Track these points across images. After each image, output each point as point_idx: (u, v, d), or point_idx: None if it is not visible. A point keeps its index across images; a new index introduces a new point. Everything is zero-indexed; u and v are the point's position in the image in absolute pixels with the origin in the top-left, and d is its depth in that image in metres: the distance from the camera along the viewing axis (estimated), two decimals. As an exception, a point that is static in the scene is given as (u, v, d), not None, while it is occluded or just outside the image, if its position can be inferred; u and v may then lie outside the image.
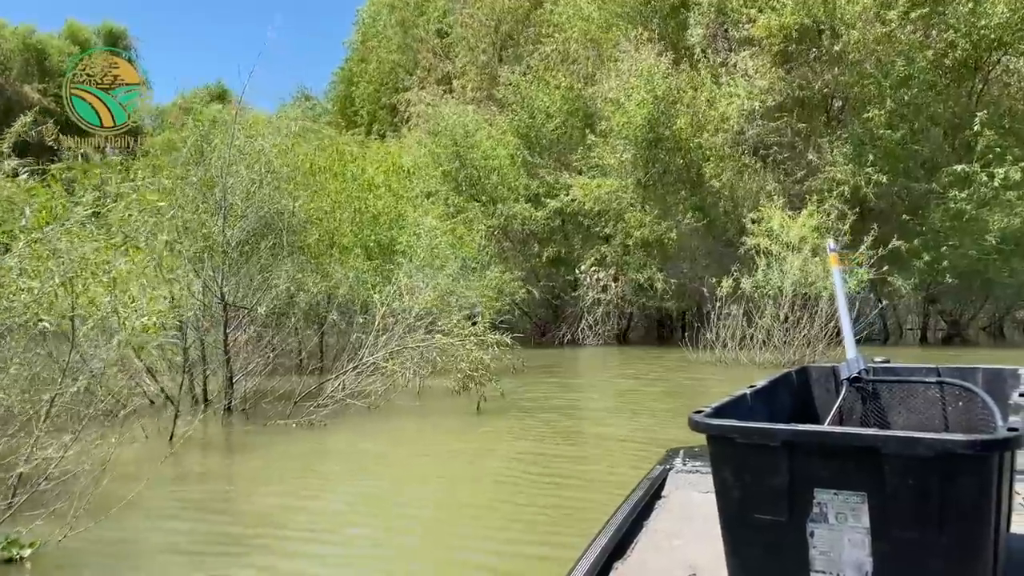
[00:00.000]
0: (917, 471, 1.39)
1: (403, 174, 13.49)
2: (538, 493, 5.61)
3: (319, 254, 10.65)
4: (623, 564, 2.00)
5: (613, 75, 18.60)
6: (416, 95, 21.27)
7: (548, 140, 19.93)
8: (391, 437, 7.88)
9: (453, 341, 8.61)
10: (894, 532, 1.44)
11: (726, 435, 1.59)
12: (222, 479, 6.36)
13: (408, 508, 5.33)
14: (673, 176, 18.56)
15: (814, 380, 2.43)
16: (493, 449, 7.38)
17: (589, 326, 18.75)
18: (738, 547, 1.64)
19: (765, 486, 1.55)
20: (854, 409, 2.30)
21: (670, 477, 2.66)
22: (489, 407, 8.81)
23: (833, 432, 1.65)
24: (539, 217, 18.89)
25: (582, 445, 7.52)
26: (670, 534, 2.20)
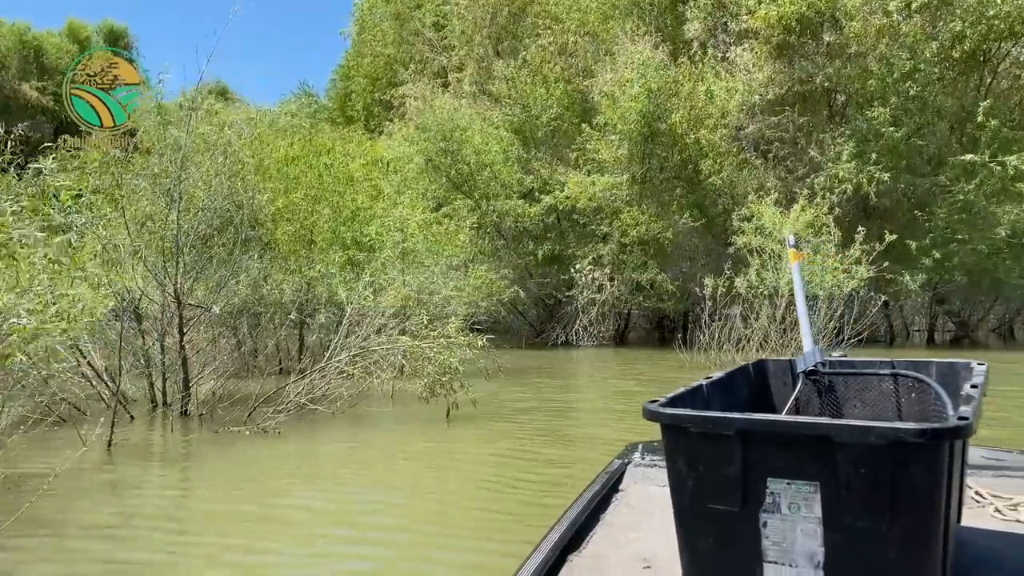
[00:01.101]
0: (869, 460, 1.40)
1: (384, 168, 12.96)
2: (489, 509, 5.16)
3: (293, 250, 10.17)
4: (577, 556, 1.99)
5: (608, 68, 18.07)
6: (411, 89, 20.78)
7: (543, 134, 19.39)
8: (345, 446, 7.41)
9: (419, 343, 8.09)
10: (846, 522, 1.44)
11: (680, 424, 1.58)
12: (137, 493, 5.82)
13: (330, 529, 4.84)
14: (670, 172, 18.01)
15: (771, 373, 2.44)
16: (454, 458, 6.94)
17: (584, 327, 18.22)
18: (691, 538, 1.64)
19: (718, 476, 1.55)
20: (810, 402, 2.30)
21: (628, 471, 2.66)
22: (461, 414, 8.31)
23: (786, 421, 1.64)
24: (533, 214, 18.37)
25: (553, 449, 7.05)
26: (626, 527, 2.19)
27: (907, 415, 2.18)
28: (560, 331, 18.77)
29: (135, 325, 8.61)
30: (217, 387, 8.86)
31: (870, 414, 2.23)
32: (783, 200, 15.52)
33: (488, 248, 19.20)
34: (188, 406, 8.34)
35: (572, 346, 18.31)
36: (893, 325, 20.09)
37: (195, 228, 8.24)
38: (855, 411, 2.27)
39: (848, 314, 13.24)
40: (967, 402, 1.60)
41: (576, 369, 15.24)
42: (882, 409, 2.25)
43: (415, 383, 8.31)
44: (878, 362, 2.30)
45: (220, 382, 8.90)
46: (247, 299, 9.18)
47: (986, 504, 2.26)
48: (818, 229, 14.12)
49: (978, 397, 1.67)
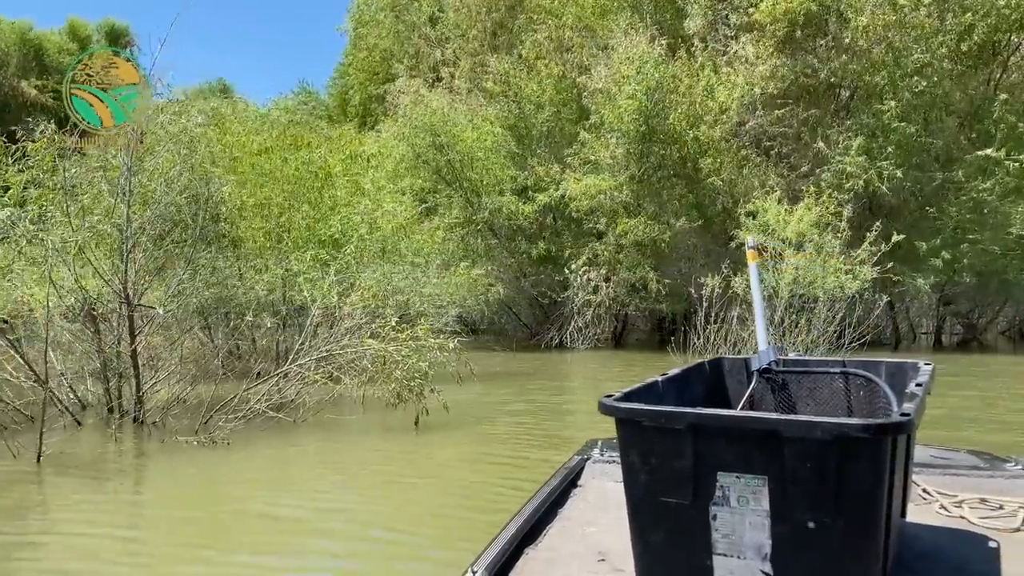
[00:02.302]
0: (815, 455, 1.42)
1: (365, 163, 12.46)
2: (447, 516, 4.77)
3: (263, 248, 9.69)
4: (533, 549, 2.03)
5: (603, 65, 17.51)
6: (405, 84, 20.28)
7: (539, 132, 18.84)
8: (294, 458, 6.89)
9: (385, 347, 7.58)
10: (793, 515, 1.47)
11: (634, 418, 1.61)
12: (40, 512, 5.33)
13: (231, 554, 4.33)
14: (668, 171, 17.43)
15: (727, 371, 2.48)
16: (417, 466, 6.49)
17: (579, 329, 17.67)
18: (643, 530, 1.66)
19: (670, 469, 1.58)
20: (764, 399, 2.35)
21: (587, 467, 2.70)
22: (432, 420, 7.81)
23: (736, 416, 1.67)
24: (527, 212, 17.83)
25: (526, 454, 6.61)
26: (583, 521, 2.22)
27: (857, 412, 2.21)
28: (554, 333, 18.23)
29: (91, 326, 8.16)
30: (179, 392, 8.37)
31: (822, 411, 2.26)
32: (785, 198, 14.96)
33: (481, 247, 18.70)
34: (141, 413, 7.86)
35: (567, 348, 17.78)
36: (899, 327, 19.47)
37: (149, 223, 7.76)
38: (808, 408, 2.31)
39: (850, 316, 12.68)
40: (910, 399, 1.62)
41: (567, 371, 14.71)
42: (833, 406, 2.28)
43: (384, 388, 7.80)
44: (829, 361, 2.37)
45: (181, 387, 8.41)
46: (209, 300, 8.68)
47: (932, 501, 2.34)
48: (824, 228, 13.57)
49: (921, 395, 1.68)
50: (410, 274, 10.65)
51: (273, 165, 11.82)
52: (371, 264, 9.96)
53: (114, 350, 7.84)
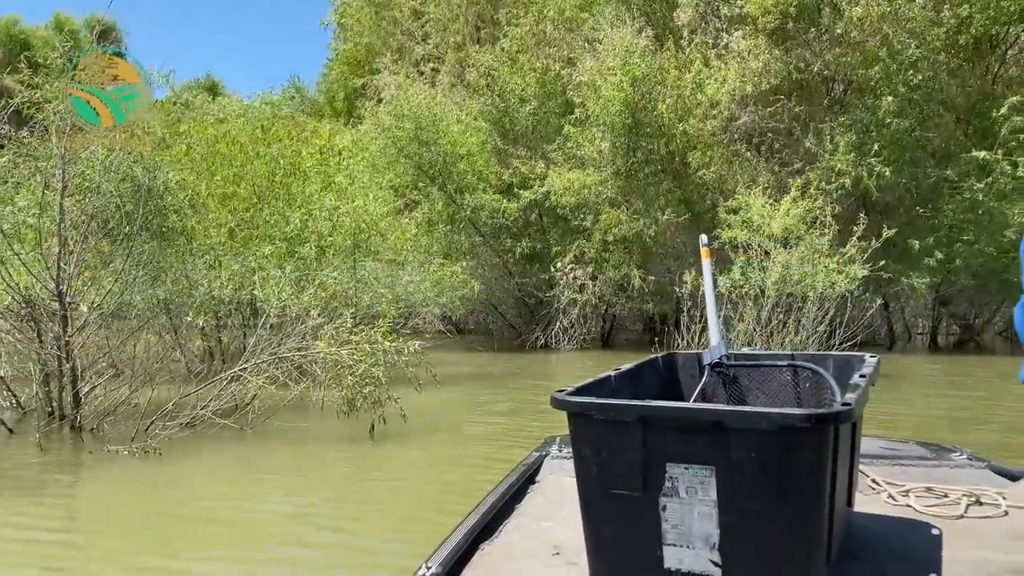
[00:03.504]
0: (759, 445, 1.44)
1: (338, 157, 11.95)
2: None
3: (218, 244, 9.19)
4: (489, 544, 2.05)
5: (589, 57, 17.00)
6: (386, 78, 19.76)
7: (523, 127, 18.32)
8: (239, 466, 6.43)
9: (337, 350, 7.07)
10: (739, 504, 1.49)
11: (585, 412, 1.62)
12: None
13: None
14: (656, 166, 16.93)
15: (680, 366, 2.52)
16: (366, 476, 6.17)
17: (564, 328, 17.16)
18: (595, 522, 1.67)
19: (621, 461, 1.59)
20: (716, 393, 2.40)
21: (546, 463, 2.74)
22: (389, 429, 7.32)
23: (683, 408, 1.71)
24: (512, 209, 17.32)
25: (490, 460, 6.23)
26: (539, 517, 2.26)
27: (806, 403, 2.25)
28: (540, 333, 17.73)
29: (30, 326, 7.65)
30: (124, 396, 7.86)
31: (771, 403, 2.30)
32: (776, 195, 14.49)
33: (465, 245, 18.20)
34: (79, 419, 7.36)
35: (552, 349, 17.29)
36: (894, 328, 18.99)
37: (88, 216, 7.24)
38: (758, 400, 2.35)
39: (841, 316, 12.20)
40: (853, 390, 1.67)
41: (550, 372, 14.23)
42: (782, 398, 2.32)
43: (336, 395, 7.30)
44: (778, 355, 2.42)
45: (126, 391, 7.90)
46: (161, 298, 8.18)
47: (881, 491, 2.41)
48: (810, 224, 13.09)
49: (864, 386, 1.72)
50: (379, 272, 10.16)
51: (245, 158, 11.36)
52: (338, 262, 9.46)
53: (51, 351, 7.33)
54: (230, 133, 11.14)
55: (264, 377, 7.25)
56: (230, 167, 11.04)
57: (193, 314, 7.75)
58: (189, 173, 10.22)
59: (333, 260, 9.64)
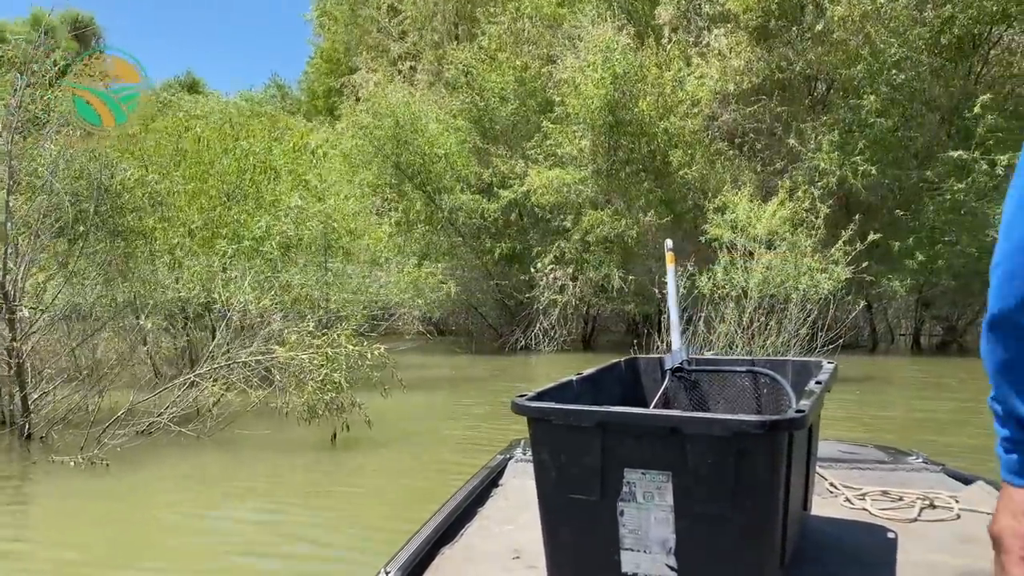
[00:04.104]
0: (715, 450, 1.46)
1: (310, 156, 11.63)
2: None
3: (178, 244, 8.87)
4: (450, 548, 2.03)
5: (570, 54, 16.76)
6: (364, 76, 19.42)
7: (502, 126, 18.04)
8: (188, 479, 6.14)
9: (296, 354, 6.77)
10: (695, 509, 1.52)
11: (544, 417, 1.64)
12: None
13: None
14: (637, 165, 16.71)
15: (642, 370, 2.53)
16: (321, 487, 5.91)
17: (544, 330, 16.90)
18: (553, 527, 1.68)
19: (579, 466, 1.60)
20: (678, 398, 2.42)
21: (509, 466, 2.77)
22: (353, 436, 7.04)
23: (640, 413, 1.69)
24: (491, 209, 17.03)
25: (457, 465, 5.94)
26: (501, 520, 2.26)
27: (765, 409, 2.26)
28: (520, 335, 17.46)
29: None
30: (79, 402, 7.52)
31: (731, 408, 2.34)
32: (758, 195, 14.31)
33: (444, 245, 17.91)
34: (28, 427, 7.02)
35: (532, 351, 17.02)
36: (877, 330, 18.88)
37: (38, 213, 6.91)
38: (718, 406, 2.38)
39: (824, 318, 12.03)
40: (808, 396, 1.68)
41: (529, 375, 13.99)
42: (742, 404, 2.34)
43: (297, 401, 7.00)
44: (738, 360, 2.47)
45: (82, 396, 7.57)
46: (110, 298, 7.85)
47: (838, 494, 2.44)
48: (796, 226, 12.93)
49: (818, 392, 1.74)
50: (350, 273, 9.87)
51: (212, 154, 11.04)
52: (305, 263, 9.17)
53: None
54: (195, 129, 10.79)
55: (222, 383, 6.93)
56: (198, 164, 10.72)
57: (146, 317, 7.41)
58: (155, 171, 9.91)
59: (299, 261, 9.32)
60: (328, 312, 8.97)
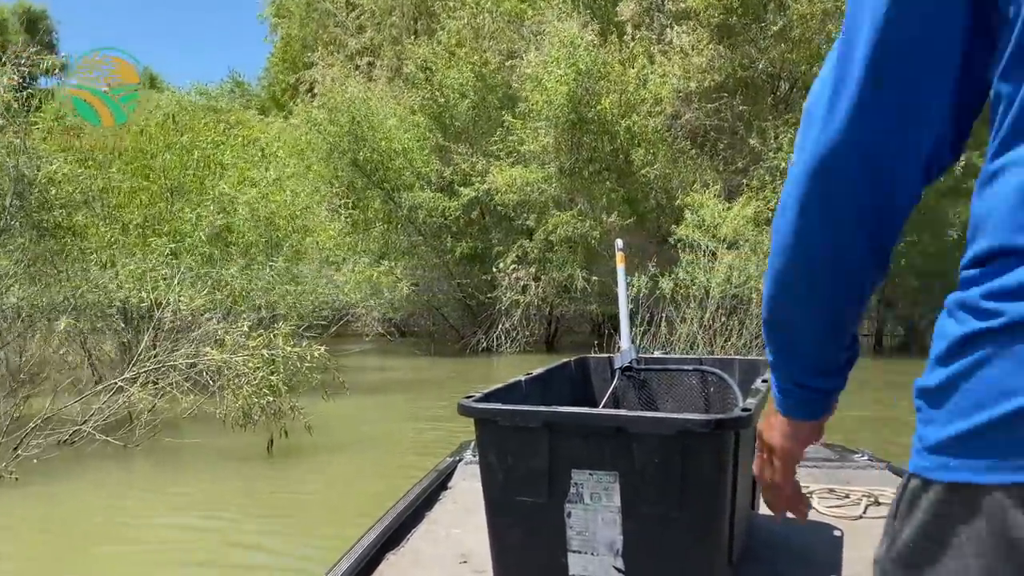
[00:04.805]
0: (661, 450, 1.46)
1: (259, 152, 11.20)
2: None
3: (111, 242, 8.41)
4: (395, 555, 2.01)
5: (533, 49, 16.49)
6: (320, 72, 18.95)
7: (462, 123, 17.70)
8: (114, 491, 5.76)
9: (230, 356, 6.37)
10: (642, 509, 1.51)
11: (490, 418, 1.62)
12: None
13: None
14: (599, 164, 16.48)
15: (592, 370, 2.51)
16: (272, 488, 5.80)
17: (506, 331, 16.59)
18: (500, 530, 1.66)
19: (526, 468, 1.58)
20: (627, 397, 2.41)
21: (459, 468, 2.76)
22: (291, 444, 6.67)
23: (587, 413, 1.68)
24: (452, 208, 16.67)
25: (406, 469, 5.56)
26: (449, 524, 2.24)
27: (713, 408, 2.27)
28: (482, 336, 17.13)
29: None
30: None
31: (680, 408, 2.33)
32: (720, 194, 14.20)
33: (404, 244, 17.51)
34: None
35: (494, 352, 16.71)
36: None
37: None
38: (667, 405, 2.39)
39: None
40: (754, 395, 1.69)
41: (489, 376, 13.67)
42: (690, 403, 2.35)
43: (232, 406, 6.60)
44: (687, 359, 2.47)
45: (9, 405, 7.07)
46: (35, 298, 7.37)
47: None
48: (760, 225, 12.82)
49: (766, 391, 1.69)
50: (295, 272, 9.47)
51: (154, 148, 10.57)
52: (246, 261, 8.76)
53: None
54: (136, 122, 10.33)
55: (151, 388, 6.51)
56: (138, 159, 10.24)
57: (66, 319, 6.95)
58: (93, 166, 9.43)
59: (239, 259, 8.89)
60: (271, 312, 8.56)
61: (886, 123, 0.73)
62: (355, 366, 13.74)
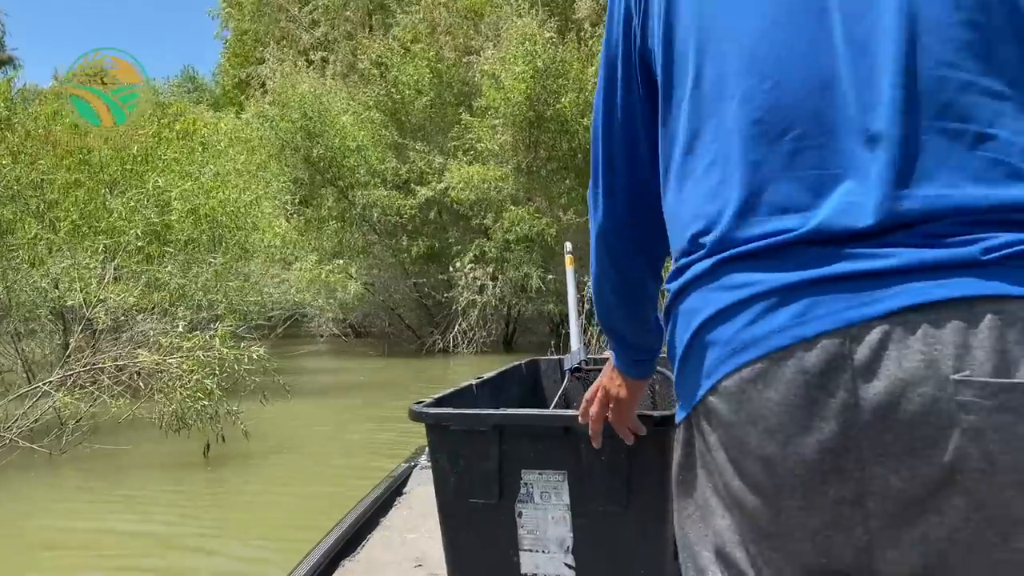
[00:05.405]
0: (608, 448, 1.48)
1: (200, 146, 10.78)
2: None
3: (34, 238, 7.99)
4: (351, 561, 2.06)
5: (491, 45, 16.31)
6: (271, 67, 18.50)
7: (418, 119, 17.43)
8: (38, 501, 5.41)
9: (163, 359, 6.05)
10: (590, 507, 1.55)
11: (441, 423, 1.65)
12: None
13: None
14: (558, 163, 16.37)
15: (543, 372, 2.54)
16: (212, 494, 5.59)
17: (463, 331, 16.37)
18: (453, 533, 1.69)
19: (477, 470, 1.62)
20: (577, 397, 2.28)
21: (414, 474, 2.81)
22: (228, 449, 6.37)
23: (535, 414, 1.75)
24: (409, 206, 16.39)
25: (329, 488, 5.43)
26: (404, 529, 2.28)
27: (660, 405, 2.28)
28: (439, 336, 16.88)
29: None
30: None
31: None
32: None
33: (359, 243, 17.17)
34: None
35: (452, 353, 16.47)
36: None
37: None
38: None
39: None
40: None
41: (447, 377, 13.44)
42: (639, 401, 2.09)
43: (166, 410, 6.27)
44: None
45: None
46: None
47: None
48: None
49: None
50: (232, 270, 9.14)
51: (90, 143, 10.11)
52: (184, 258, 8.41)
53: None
54: (60, 115, 9.88)
55: (79, 392, 6.16)
56: (74, 154, 9.79)
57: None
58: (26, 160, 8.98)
59: (177, 256, 8.53)
60: (212, 312, 8.22)
61: (626, 204, 1.06)
62: (308, 368, 13.40)
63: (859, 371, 0.71)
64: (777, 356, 0.74)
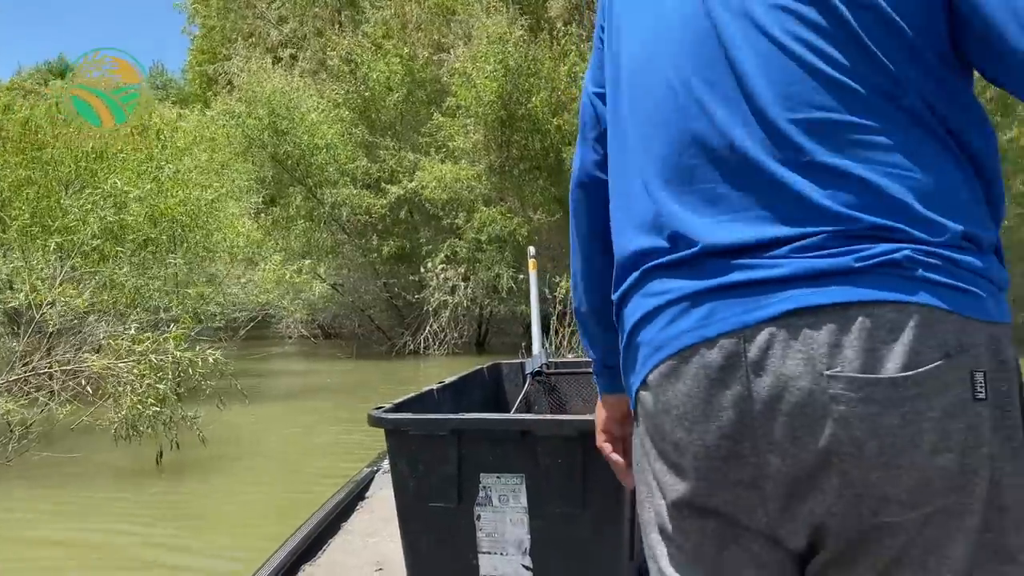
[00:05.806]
0: (563, 451, 1.54)
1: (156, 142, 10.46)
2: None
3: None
4: (311, 565, 2.08)
5: (461, 43, 16.13)
6: (238, 64, 18.15)
7: (389, 117, 17.19)
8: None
9: (114, 362, 5.79)
10: (547, 509, 1.58)
11: (400, 428, 1.66)
12: None
13: None
14: (530, 162, 16.23)
15: (505, 375, 2.60)
16: (167, 503, 5.40)
17: (435, 333, 16.16)
18: (412, 537, 1.70)
19: (437, 475, 1.63)
20: (538, 401, 2.48)
21: (376, 478, 2.84)
22: (182, 457, 6.14)
23: (493, 419, 1.78)
24: (379, 205, 16.14)
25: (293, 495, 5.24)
26: (366, 533, 2.33)
27: None
28: (409, 338, 16.64)
29: None
30: None
31: (589, 410, 2.25)
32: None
33: (328, 243, 16.89)
34: None
35: (423, 355, 16.24)
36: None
37: None
38: (577, 407, 2.50)
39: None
40: None
41: (417, 379, 13.19)
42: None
43: (116, 416, 6.01)
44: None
45: None
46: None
47: None
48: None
49: None
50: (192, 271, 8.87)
51: (41, 139, 9.80)
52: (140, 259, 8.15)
53: None
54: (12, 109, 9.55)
55: (25, 398, 5.88)
56: (25, 151, 9.46)
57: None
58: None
59: (132, 257, 8.25)
60: (169, 314, 7.95)
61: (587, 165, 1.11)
62: (276, 370, 13.14)
63: (751, 367, 0.80)
64: (686, 354, 0.84)
